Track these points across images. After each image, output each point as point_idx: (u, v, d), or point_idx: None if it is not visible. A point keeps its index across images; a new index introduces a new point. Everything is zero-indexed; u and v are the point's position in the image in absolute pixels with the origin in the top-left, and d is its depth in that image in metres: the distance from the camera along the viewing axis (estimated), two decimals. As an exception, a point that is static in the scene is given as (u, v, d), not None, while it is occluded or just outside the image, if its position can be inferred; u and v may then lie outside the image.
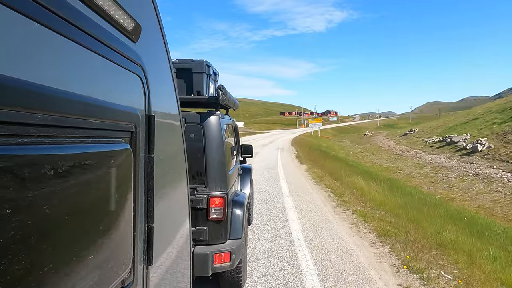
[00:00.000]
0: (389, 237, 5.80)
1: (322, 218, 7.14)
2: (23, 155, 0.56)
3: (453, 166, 18.40)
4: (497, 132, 21.64)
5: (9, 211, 0.52)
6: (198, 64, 3.72)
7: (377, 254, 5.20)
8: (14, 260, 0.53)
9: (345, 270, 4.64)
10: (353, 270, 4.62)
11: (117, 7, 0.92)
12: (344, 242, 5.71)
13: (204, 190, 3.38)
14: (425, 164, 20.35)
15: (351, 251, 5.30)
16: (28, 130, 0.58)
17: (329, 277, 4.42)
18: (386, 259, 5.02)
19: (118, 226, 0.90)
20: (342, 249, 5.39)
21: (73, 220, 0.69)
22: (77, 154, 0.72)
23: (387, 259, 5.00)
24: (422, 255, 4.98)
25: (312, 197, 9.24)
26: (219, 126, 3.51)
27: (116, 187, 0.87)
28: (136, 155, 1.03)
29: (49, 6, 0.63)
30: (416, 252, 5.08)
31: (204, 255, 3.26)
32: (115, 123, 0.91)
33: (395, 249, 5.30)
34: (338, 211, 7.80)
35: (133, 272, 1.02)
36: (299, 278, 4.38)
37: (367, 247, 5.51)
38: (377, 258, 5.07)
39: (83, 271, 0.72)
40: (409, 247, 5.29)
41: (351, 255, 5.16)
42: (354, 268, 4.70)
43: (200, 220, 3.35)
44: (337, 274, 4.52)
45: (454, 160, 20.05)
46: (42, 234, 0.59)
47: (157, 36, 1.39)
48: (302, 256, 5.07)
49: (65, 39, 0.70)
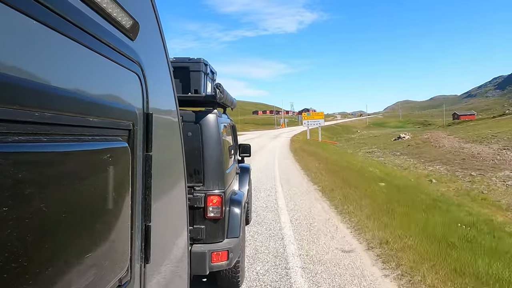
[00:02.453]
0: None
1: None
2: (20, 152, 0.56)
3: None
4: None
5: (6, 209, 0.51)
6: (195, 63, 3.72)
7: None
8: (11, 259, 0.53)
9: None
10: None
11: (115, 5, 0.92)
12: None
13: (201, 188, 3.38)
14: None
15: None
16: (25, 128, 0.58)
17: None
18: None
19: (115, 225, 0.90)
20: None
21: (70, 218, 0.68)
22: (74, 152, 0.71)
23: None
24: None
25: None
26: (216, 124, 3.51)
27: (114, 185, 0.87)
28: (133, 153, 1.02)
29: (45, 3, 0.63)
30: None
31: (201, 254, 3.26)
32: (113, 121, 0.90)
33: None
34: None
35: (131, 270, 1.02)
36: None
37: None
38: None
39: (80, 270, 0.72)
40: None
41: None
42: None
43: (197, 219, 3.34)
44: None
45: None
46: (39, 233, 0.59)
47: (155, 34, 1.38)
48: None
49: (63, 37, 0.69)
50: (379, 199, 8.18)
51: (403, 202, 7.97)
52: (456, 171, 20.27)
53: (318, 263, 4.72)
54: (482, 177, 18.25)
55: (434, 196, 10.57)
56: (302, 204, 8.09)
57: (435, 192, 12.03)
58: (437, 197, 10.52)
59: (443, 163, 23.42)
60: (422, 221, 6.38)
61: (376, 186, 10.33)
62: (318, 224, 6.53)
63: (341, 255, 5.01)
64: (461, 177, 18.62)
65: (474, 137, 35.03)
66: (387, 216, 6.66)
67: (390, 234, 5.61)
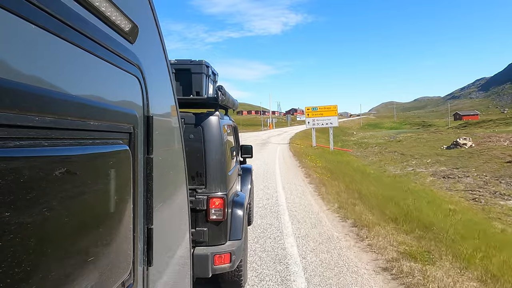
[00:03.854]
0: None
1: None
2: (21, 157, 0.56)
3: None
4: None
5: (8, 214, 0.52)
6: (197, 65, 3.72)
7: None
8: (14, 263, 0.53)
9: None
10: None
11: (114, 8, 0.92)
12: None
13: (203, 191, 3.38)
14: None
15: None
16: (26, 133, 0.58)
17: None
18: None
19: (117, 228, 0.90)
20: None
21: (72, 222, 0.68)
22: (75, 156, 0.71)
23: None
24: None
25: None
26: (218, 126, 3.51)
27: (115, 188, 0.87)
28: (134, 156, 1.02)
29: (45, 8, 0.63)
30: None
31: (204, 256, 3.26)
32: (113, 125, 0.90)
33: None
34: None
35: (133, 273, 1.02)
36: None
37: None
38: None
39: (83, 273, 0.72)
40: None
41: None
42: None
43: (200, 221, 3.34)
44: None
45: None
46: (41, 237, 0.59)
47: (154, 37, 1.38)
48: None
49: (62, 41, 0.69)
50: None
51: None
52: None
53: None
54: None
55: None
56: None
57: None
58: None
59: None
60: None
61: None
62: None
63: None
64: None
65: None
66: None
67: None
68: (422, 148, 34.34)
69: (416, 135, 52.77)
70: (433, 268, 4.45)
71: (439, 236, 5.70)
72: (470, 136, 37.81)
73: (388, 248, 5.14)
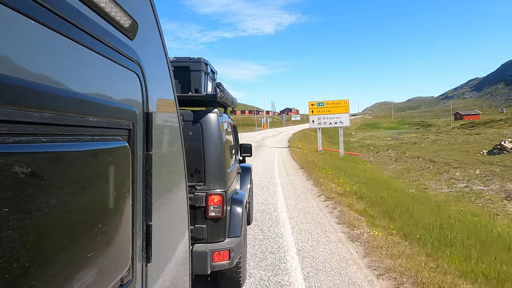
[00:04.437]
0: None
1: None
2: (20, 153, 0.56)
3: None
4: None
5: (7, 210, 0.52)
6: (196, 62, 3.72)
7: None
8: (12, 259, 0.53)
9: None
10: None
11: (114, 4, 0.92)
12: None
13: (202, 188, 3.38)
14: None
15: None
16: (25, 129, 0.58)
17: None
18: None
19: (116, 224, 0.90)
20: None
21: (71, 218, 0.68)
22: (74, 152, 0.71)
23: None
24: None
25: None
26: (217, 124, 3.51)
27: (114, 185, 0.87)
28: (134, 153, 1.02)
29: (44, 4, 0.63)
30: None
31: (203, 253, 3.26)
32: (113, 121, 0.90)
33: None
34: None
35: (132, 270, 1.02)
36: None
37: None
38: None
39: (82, 270, 0.72)
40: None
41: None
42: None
43: (198, 218, 3.34)
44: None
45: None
46: (40, 233, 0.59)
47: (154, 33, 1.38)
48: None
49: (61, 37, 0.69)
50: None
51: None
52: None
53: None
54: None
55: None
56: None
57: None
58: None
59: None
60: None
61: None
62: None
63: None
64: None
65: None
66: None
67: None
68: (453, 153, 27.85)
69: (424, 136, 49.06)
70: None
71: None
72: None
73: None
